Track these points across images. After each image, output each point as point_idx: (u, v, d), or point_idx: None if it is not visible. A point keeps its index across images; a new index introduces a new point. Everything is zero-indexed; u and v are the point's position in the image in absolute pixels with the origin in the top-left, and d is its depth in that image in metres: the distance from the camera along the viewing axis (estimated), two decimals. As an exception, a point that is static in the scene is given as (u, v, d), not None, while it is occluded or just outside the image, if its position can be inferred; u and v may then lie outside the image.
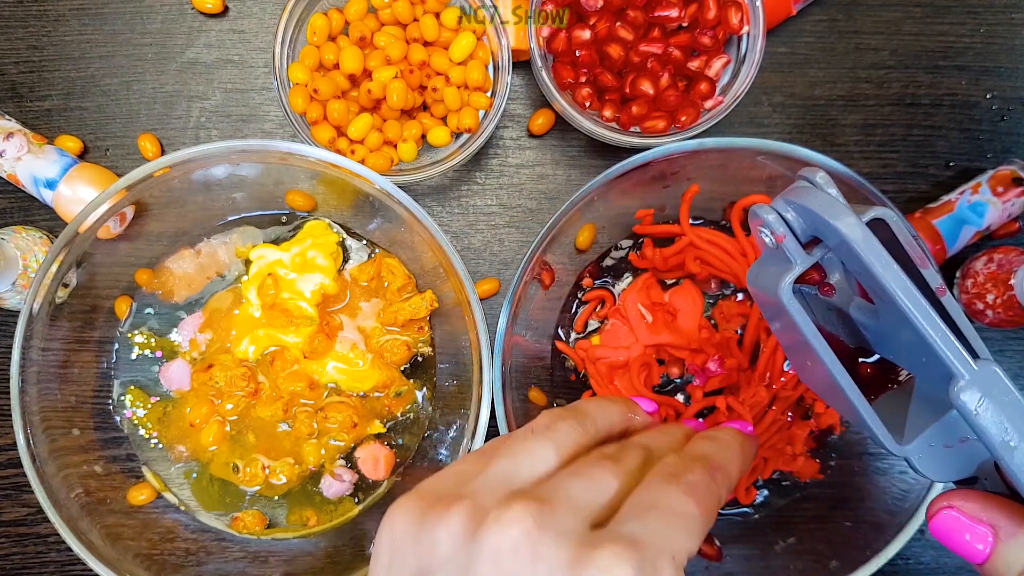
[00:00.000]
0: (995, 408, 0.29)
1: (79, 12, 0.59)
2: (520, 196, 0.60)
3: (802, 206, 0.32)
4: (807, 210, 0.32)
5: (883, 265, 0.30)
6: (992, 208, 0.55)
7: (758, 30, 0.53)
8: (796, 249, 0.33)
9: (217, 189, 0.53)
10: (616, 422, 0.36)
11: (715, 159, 0.50)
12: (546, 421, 0.33)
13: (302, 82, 0.53)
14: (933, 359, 0.30)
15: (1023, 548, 0.29)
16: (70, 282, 0.52)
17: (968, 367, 0.29)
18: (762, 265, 0.35)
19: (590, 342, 0.56)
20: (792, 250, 0.33)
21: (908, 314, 0.30)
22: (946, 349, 0.30)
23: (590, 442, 0.33)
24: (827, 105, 0.60)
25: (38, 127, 0.59)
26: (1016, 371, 0.60)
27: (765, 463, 0.53)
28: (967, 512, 0.30)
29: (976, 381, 0.29)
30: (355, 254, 0.57)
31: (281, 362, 0.55)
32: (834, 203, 0.31)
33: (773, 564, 0.52)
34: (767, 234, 0.33)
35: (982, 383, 0.29)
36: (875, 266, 0.30)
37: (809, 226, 0.32)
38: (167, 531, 0.54)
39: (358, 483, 0.56)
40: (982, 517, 0.30)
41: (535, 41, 0.53)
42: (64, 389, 0.53)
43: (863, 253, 0.30)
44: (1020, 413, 0.29)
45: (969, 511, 0.30)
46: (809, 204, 0.31)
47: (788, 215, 0.32)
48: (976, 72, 0.60)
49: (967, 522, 0.30)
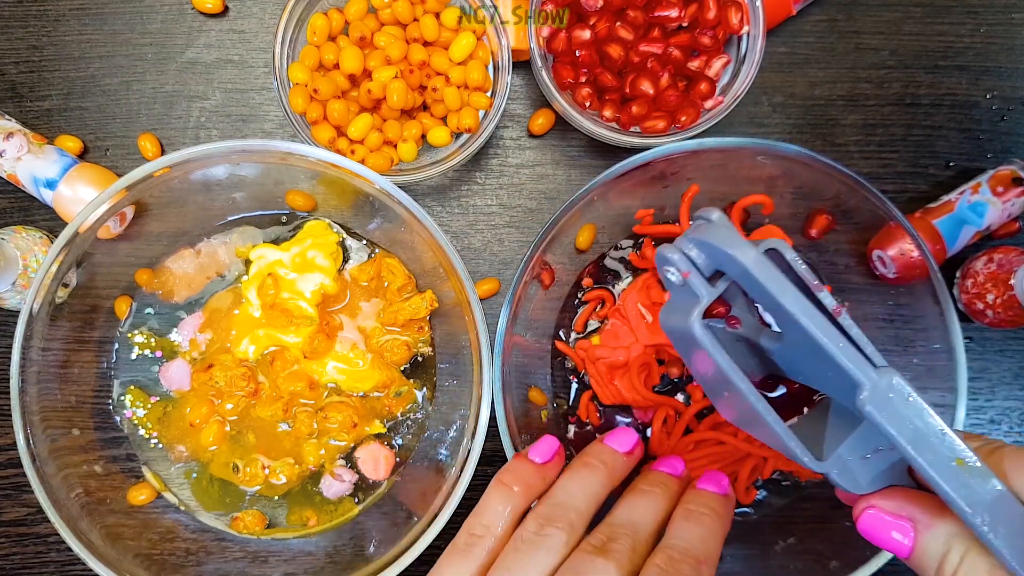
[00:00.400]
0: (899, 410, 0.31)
1: (79, 12, 0.59)
2: (520, 196, 0.60)
3: (703, 241, 0.34)
4: (708, 244, 0.34)
5: (780, 288, 0.32)
6: (992, 208, 0.55)
7: (758, 30, 0.53)
8: (701, 283, 0.35)
9: (217, 189, 0.53)
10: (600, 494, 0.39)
11: (715, 159, 0.50)
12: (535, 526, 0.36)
13: (302, 82, 0.53)
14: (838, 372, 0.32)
15: (941, 538, 0.31)
16: (70, 282, 0.52)
17: (869, 374, 0.31)
18: (671, 306, 0.37)
19: (590, 342, 0.56)
20: (698, 285, 0.35)
21: (809, 330, 0.32)
22: (847, 359, 0.31)
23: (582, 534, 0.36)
24: (827, 105, 0.60)
25: (38, 127, 0.59)
26: (1016, 371, 0.60)
27: (765, 463, 0.53)
28: (886, 509, 0.32)
29: (879, 387, 0.31)
30: (355, 254, 0.57)
31: (281, 362, 0.55)
32: (732, 236, 0.33)
33: (773, 564, 0.52)
34: (673, 272, 0.36)
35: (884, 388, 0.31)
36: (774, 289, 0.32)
37: (711, 260, 0.35)
38: (167, 531, 0.54)
39: (358, 483, 0.56)
40: (901, 513, 0.32)
41: (535, 41, 0.53)
42: (64, 389, 0.53)
43: (761, 278, 0.32)
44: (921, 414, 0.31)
45: (888, 508, 0.32)
46: (709, 239, 0.34)
47: (691, 252, 0.35)
48: (976, 72, 0.60)
49: (888, 519, 0.32)
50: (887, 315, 0.53)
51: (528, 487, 0.39)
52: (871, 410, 0.31)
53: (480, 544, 0.36)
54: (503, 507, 0.38)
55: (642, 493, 0.39)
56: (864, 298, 0.55)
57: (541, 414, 0.55)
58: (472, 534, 0.37)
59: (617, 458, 0.40)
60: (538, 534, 0.36)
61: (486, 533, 0.37)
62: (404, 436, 0.57)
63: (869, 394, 0.31)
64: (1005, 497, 0.30)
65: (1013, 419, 0.59)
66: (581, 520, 0.37)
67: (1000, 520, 0.29)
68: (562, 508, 0.37)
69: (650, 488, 0.39)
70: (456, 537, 0.38)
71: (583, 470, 0.39)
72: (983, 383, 0.60)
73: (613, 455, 0.40)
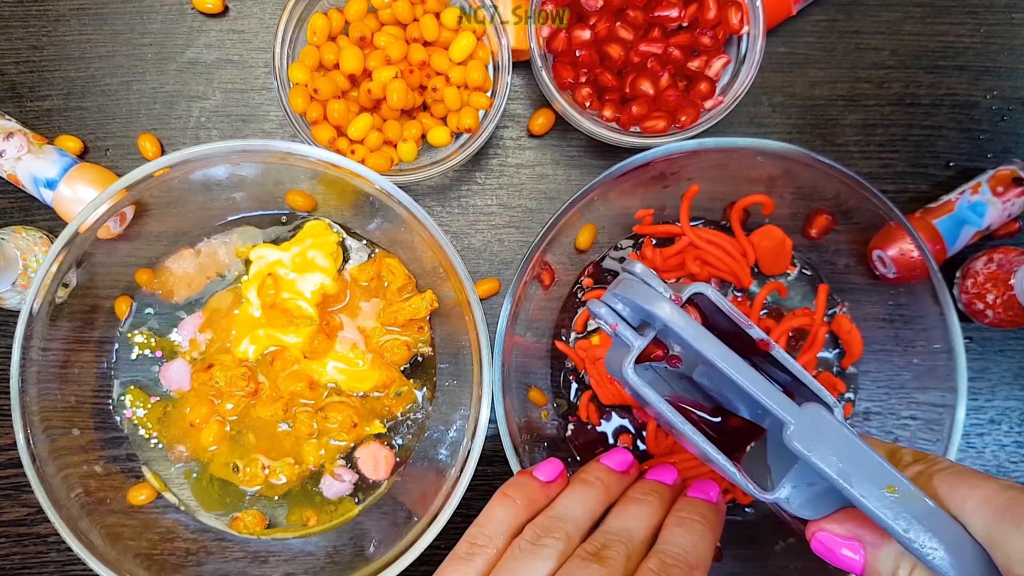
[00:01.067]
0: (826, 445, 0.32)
1: (79, 12, 0.59)
2: (520, 196, 0.60)
3: (625, 297, 0.36)
4: (630, 300, 0.36)
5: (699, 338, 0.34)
6: (992, 208, 0.55)
7: (758, 30, 0.53)
8: (630, 334, 0.37)
9: (217, 189, 0.53)
10: (596, 508, 0.40)
11: (715, 159, 0.50)
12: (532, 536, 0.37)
13: (302, 82, 0.53)
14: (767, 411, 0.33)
15: (890, 556, 0.33)
16: (70, 282, 0.52)
17: (795, 413, 0.33)
18: (612, 352, 0.39)
19: (590, 342, 0.56)
20: (627, 335, 0.37)
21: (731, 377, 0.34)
22: (770, 401, 0.33)
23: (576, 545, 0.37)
24: (827, 105, 0.60)
25: (38, 127, 0.59)
26: (1016, 371, 0.60)
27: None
28: (835, 532, 0.34)
29: (804, 425, 0.32)
30: (355, 254, 0.57)
31: (281, 362, 0.55)
32: (650, 291, 0.35)
33: (773, 564, 0.52)
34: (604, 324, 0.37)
35: (810, 425, 0.32)
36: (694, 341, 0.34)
37: (637, 313, 0.37)
38: (167, 531, 0.54)
39: (358, 483, 0.56)
40: (848, 534, 0.34)
41: (535, 41, 0.53)
42: (64, 389, 0.53)
43: (681, 332, 0.34)
44: (848, 445, 0.32)
45: (836, 532, 0.34)
46: (630, 295, 0.36)
47: (617, 306, 0.37)
48: (976, 72, 0.60)
49: (838, 540, 0.34)
50: (887, 315, 0.53)
51: (531, 501, 0.40)
52: (798, 446, 0.32)
53: (481, 553, 0.37)
54: (505, 518, 0.39)
55: (636, 501, 0.40)
56: (864, 298, 0.55)
57: (541, 414, 0.55)
58: (474, 543, 0.38)
59: (612, 476, 0.42)
60: (534, 543, 0.37)
61: (488, 543, 0.38)
62: (404, 436, 0.57)
63: (795, 431, 0.32)
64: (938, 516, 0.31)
65: (1013, 419, 0.59)
66: (577, 531, 0.38)
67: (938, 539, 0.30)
68: (559, 520, 0.38)
69: (643, 496, 0.40)
70: (457, 545, 0.39)
71: (580, 487, 0.41)
72: (983, 383, 0.60)
73: (609, 474, 0.42)
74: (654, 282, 0.36)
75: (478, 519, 0.40)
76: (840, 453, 0.32)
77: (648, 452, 0.55)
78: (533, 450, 0.52)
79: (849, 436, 0.32)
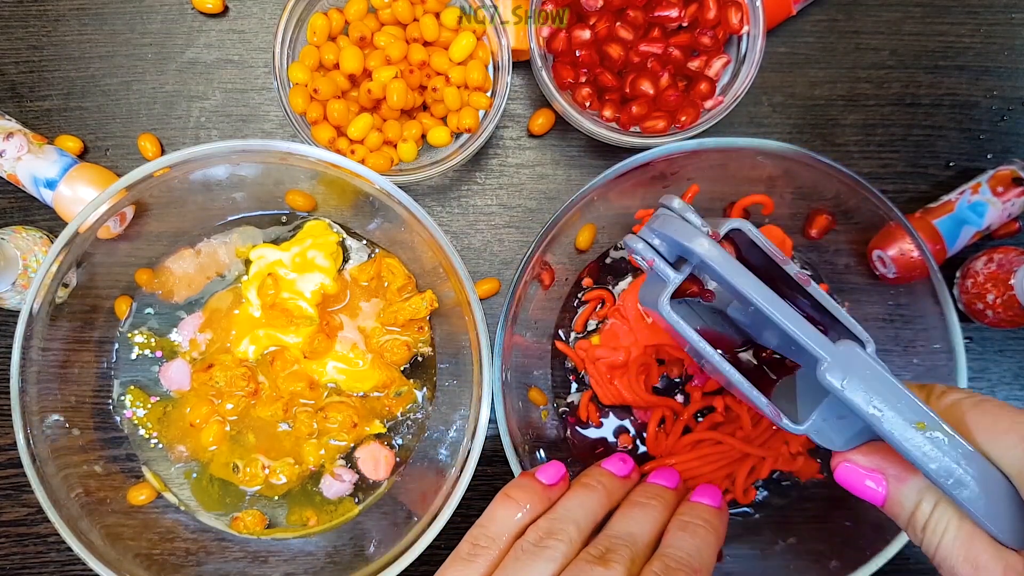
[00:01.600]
0: (859, 382, 0.32)
1: (79, 12, 0.59)
2: (520, 196, 0.60)
3: (662, 232, 0.36)
4: (667, 235, 0.36)
5: (736, 275, 0.34)
6: (992, 208, 0.55)
7: (758, 30, 0.53)
8: (667, 269, 0.37)
9: (217, 189, 0.53)
10: (598, 511, 0.40)
11: (715, 159, 0.50)
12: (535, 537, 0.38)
13: (302, 82, 0.53)
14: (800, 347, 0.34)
15: (914, 490, 0.33)
16: (70, 282, 0.52)
17: (829, 349, 0.33)
18: (646, 285, 0.40)
19: (590, 342, 0.55)
20: (663, 271, 0.37)
21: (768, 315, 0.34)
22: (806, 338, 0.33)
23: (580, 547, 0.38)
24: (827, 105, 0.60)
25: (38, 127, 0.59)
26: (1016, 371, 0.60)
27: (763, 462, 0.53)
28: (860, 464, 0.35)
29: (838, 361, 0.33)
30: (355, 254, 0.57)
31: (281, 362, 0.55)
32: (688, 227, 0.35)
33: (773, 564, 0.52)
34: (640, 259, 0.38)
35: (844, 362, 0.33)
36: (730, 277, 0.34)
37: (674, 248, 0.37)
38: (167, 531, 0.54)
39: (358, 483, 0.56)
40: (872, 467, 0.35)
41: (535, 41, 0.53)
42: (64, 389, 0.53)
43: (718, 268, 0.34)
44: (881, 382, 0.32)
45: (862, 463, 0.35)
46: (668, 231, 0.36)
47: (654, 241, 0.37)
48: (976, 72, 0.60)
49: (862, 472, 0.35)
50: (887, 315, 0.53)
51: (533, 503, 0.40)
52: (831, 381, 0.33)
53: (484, 554, 0.38)
54: (508, 520, 0.39)
55: (639, 505, 0.40)
56: (864, 298, 0.55)
57: (541, 414, 0.55)
58: (476, 544, 0.38)
59: (614, 481, 0.42)
60: (537, 545, 0.37)
61: (490, 544, 0.38)
62: (404, 436, 0.57)
63: (828, 366, 0.33)
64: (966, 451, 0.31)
65: (1013, 419, 0.59)
66: (580, 534, 0.38)
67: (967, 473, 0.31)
68: (561, 522, 0.38)
69: (647, 500, 0.41)
70: (459, 546, 0.39)
71: (582, 490, 0.41)
72: (983, 383, 0.60)
73: (611, 478, 0.42)
74: (692, 217, 0.36)
75: (480, 520, 0.40)
76: (872, 389, 0.32)
77: (649, 453, 0.55)
78: (533, 450, 0.52)
79: (881, 372, 0.33)
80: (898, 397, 0.32)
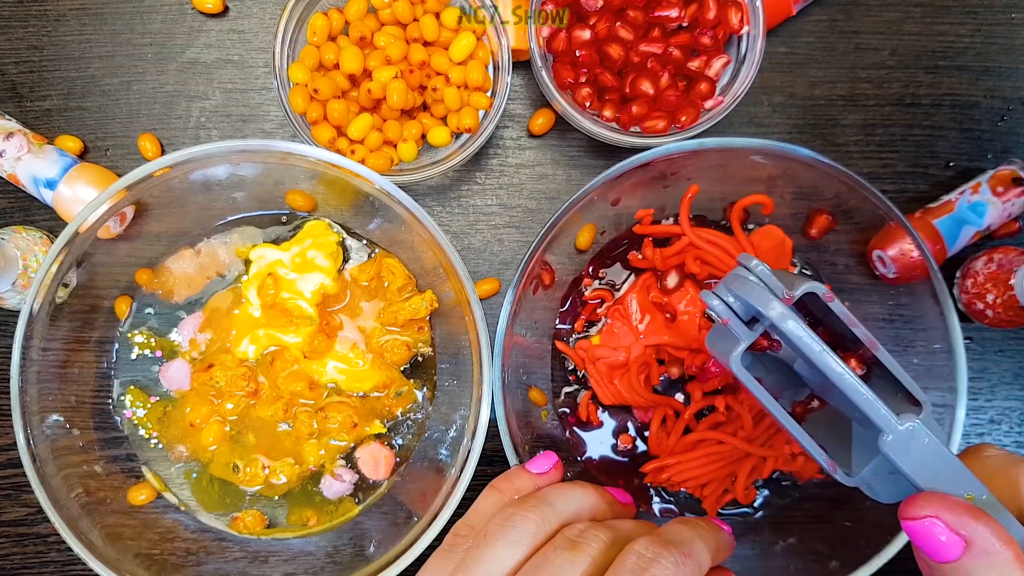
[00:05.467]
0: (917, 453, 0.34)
1: (79, 12, 0.59)
2: (520, 196, 0.60)
3: (738, 293, 0.38)
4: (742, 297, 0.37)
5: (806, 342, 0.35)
6: (992, 208, 0.55)
7: (758, 30, 0.53)
8: (740, 328, 0.38)
9: (217, 189, 0.53)
10: (584, 508, 0.39)
11: (715, 159, 0.50)
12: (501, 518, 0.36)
13: (302, 82, 0.53)
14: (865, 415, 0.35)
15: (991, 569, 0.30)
16: (70, 282, 0.52)
17: (891, 425, 0.34)
18: (716, 333, 0.41)
19: (590, 342, 0.55)
20: (737, 329, 0.38)
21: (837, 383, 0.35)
22: (873, 412, 0.35)
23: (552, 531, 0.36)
24: (827, 105, 0.60)
25: (38, 127, 0.59)
26: (1016, 371, 0.60)
27: (764, 462, 0.53)
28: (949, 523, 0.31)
29: (899, 434, 0.34)
30: (355, 254, 0.57)
31: (281, 362, 0.55)
32: (763, 292, 0.37)
33: (773, 564, 0.52)
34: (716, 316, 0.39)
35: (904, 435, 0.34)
36: (802, 346, 0.35)
37: (748, 308, 0.38)
38: (167, 531, 0.54)
39: (358, 483, 0.56)
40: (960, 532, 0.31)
41: (535, 41, 0.53)
42: (64, 389, 0.53)
43: (791, 336, 0.36)
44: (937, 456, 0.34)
45: (952, 523, 0.31)
46: (743, 293, 0.37)
47: (729, 299, 0.38)
48: (976, 72, 0.60)
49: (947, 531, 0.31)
50: (887, 315, 0.53)
51: (517, 492, 0.40)
52: (889, 453, 0.34)
53: (462, 544, 0.37)
54: (490, 509, 0.39)
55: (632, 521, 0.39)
56: (864, 298, 0.55)
57: (541, 414, 0.55)
58: (456, 535, 0.38)
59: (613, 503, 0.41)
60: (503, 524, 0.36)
61: (469, 533, 0.38)
62: (404, 436, 0.57)
63: (892, 440, 0.34)
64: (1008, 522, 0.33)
65: (1013, 419, 0.59)
66: (556, 517, 0.37)
67: None
68: (536, 499, 0.37)
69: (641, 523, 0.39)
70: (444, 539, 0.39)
71: (572, 486, 0.40)
72: (983, 383, 0.60)
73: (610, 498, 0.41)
74: (768, 281, 0.37)
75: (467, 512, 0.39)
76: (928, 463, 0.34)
77: (650, 453, 0.55)
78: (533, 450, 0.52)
79: (937, 447, 0.34)
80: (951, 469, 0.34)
